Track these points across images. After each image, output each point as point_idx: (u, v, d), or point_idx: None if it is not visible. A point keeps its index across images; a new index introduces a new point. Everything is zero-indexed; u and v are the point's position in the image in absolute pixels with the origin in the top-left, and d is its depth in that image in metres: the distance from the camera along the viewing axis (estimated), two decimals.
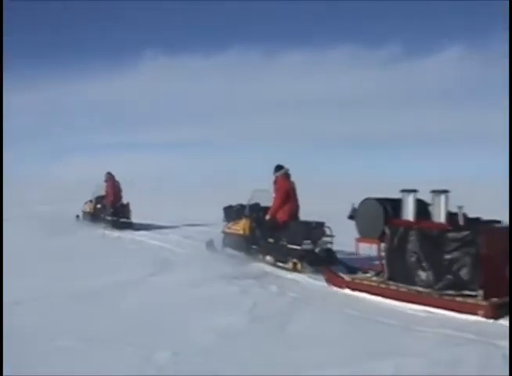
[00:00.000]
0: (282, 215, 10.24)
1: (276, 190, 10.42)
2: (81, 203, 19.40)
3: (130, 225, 16.69)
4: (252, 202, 11.25)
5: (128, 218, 16.93)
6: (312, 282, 8.88)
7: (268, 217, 10.41)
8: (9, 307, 6.93)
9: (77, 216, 18.89)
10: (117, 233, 15.45)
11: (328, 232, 9.81)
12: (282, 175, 10.46)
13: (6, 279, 8.48)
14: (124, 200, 17.51)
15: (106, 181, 17.72)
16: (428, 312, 7.00)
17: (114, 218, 16.78)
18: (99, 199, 18.09)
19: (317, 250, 9.69)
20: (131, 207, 17.20)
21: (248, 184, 12.00)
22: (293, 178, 10.53)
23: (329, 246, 9.81)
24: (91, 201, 18.56)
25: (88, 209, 18.58)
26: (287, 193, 10.31)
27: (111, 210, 17.03)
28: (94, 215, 18.01)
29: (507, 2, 10.94)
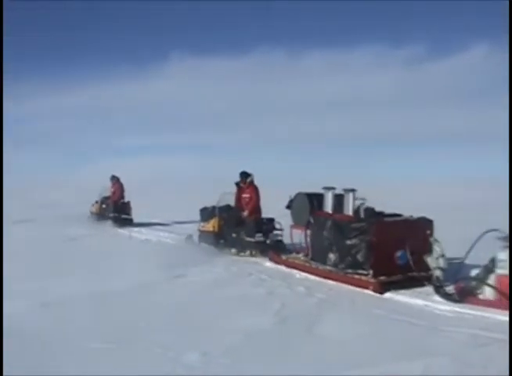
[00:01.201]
0: (251, 213, 12.09)
1: (252, 192, 12.22)
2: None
3: (130, 222, 18.24)
4: (221, 204, 12.89)
5: (128, 214, 18.52)
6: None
7: (246, 214, 12.12)
8: (36, 309, 7.08)
9: (89, 216, 19.98)
10: (144, 236, 15.73)
11: (278, 226, 11.85)
12: (251, 181, 12.29)
13: (31, 281, 8.75)
14: (126, 199, 18.97)
15: (112, 183, 19.21)
16: (456, 312, 6.98)
17: (116, 215, 18.38)
18: (104, 199, 19.46)
19: (268, 241, 11.65)
20: (133, 205, 18.75)
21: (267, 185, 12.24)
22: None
23: (279, 238, 11.74)
24: (97, 202, 19.83)
25: (94, 210, 19.87)
26: (256, 195, 12.26)
27: (113, 208, 18.61)
28: (100, 215, 19.31)
29: (507, 2, 10.92)
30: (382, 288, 8.18)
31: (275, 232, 11.84)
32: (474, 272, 7.61)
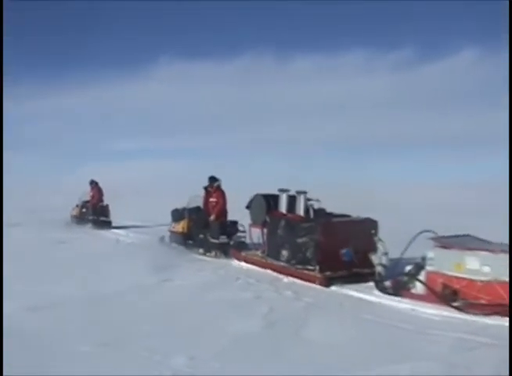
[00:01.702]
0: (216, 216, 12.56)
1: (219, 197, 12.76)
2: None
3: (109, 224, 18.74)
4: (191, 206, 13.54)
5: (106, 217, 19.05)
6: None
7: (213, 217, 12.58)
8: (26, 313, 7.03)
9: (71, 219, 20.35)
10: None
11: (241, 228, 12.44)
12: (218, 186, 12.88)
13: (21, 284, 8.69)
14: (105, 203, 19.47)
15: (91, 187, 19.78)
16: (443, 316, 7.02)
17: (95, 218, 18.96)
18: (84, 203, 19.96)
19: (232, 242, 12.29)
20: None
21: (249, 189, 12.38)
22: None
23: (242, 239, 12.34)
24: (77, 206, 20.35)
25: (74, 213, 20.39)
26: (222, 199, 12.79)
27: (92, 211, 19.23)
28: (80, 218, 19.78)
29: (507, 2, 11.01)
30: (327, 282, 9.05)
31: (239, 234, 12.50)
32: (407, 269, 8.34)
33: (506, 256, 7.12)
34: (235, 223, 12.62)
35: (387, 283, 8.47)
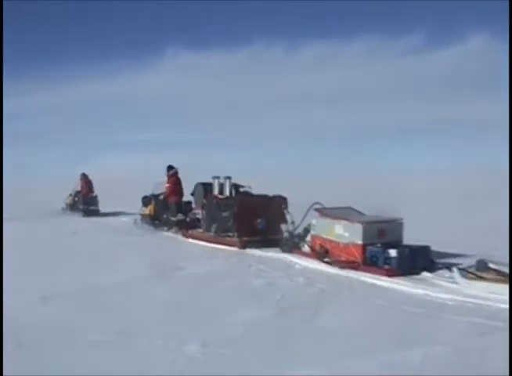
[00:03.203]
0: (173, 198, 15.13)
1: (171, 182, 15.23)
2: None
3: (97, 212, 21.31)
4: (157, 192, 15.96)
5: (96, 206, 21.62)
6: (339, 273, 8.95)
7: (161, 197, 15.47)
8: (37, 303, 7.08)
9: (63, 208, 22.84)
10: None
11: (194, 206, 14.50)
12: (173, 173, 15.36)
13: (31, 275, 8.86)
14: (95, 194, 22.04)
15: (80, 179, 22.32)
16: (455, 300, 6.99)
17: (85, 207, 21.40)
18: (76, 193, 22.56)
19: (188, 219, 14.56)
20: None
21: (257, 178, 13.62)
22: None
23: (197, 216, 14.23)
24: (70, 195, 22.96)
25: (68, 202, 22.96)
26: (176, 186, 15.23)
27: (83, 200, 21.68)
28: (72, 206, 22.45)
29: (507, 2, 10.96)
30: (243, 246, 11.48)
31: (193, 211, 14.60)
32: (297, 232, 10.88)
33: (361, 225, 9.14)
34: (189, 203, 14.97)
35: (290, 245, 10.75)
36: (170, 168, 15.43)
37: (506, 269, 7.50)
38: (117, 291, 7.79)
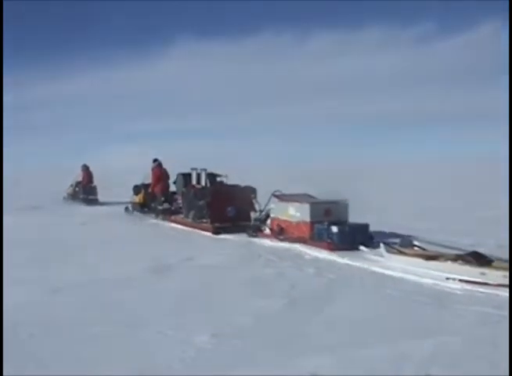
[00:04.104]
0: (158, 190, 16.49)
1: (153, 175, 16.67)
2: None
3: (96, 201, 22.41)
4: (146, 182, 17.24)
5: (94, 195, 22.81)
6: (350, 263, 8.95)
7: (149, 190, 16.81)
8: (48, 295, 7.13)
9: (64, 197, 23.94)
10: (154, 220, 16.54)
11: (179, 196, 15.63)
12: (157, 166, 16.77)
13: (42, 267, 8.90)
14: (94, 184, 23.29)
15: (82, 170, 23.63)
16: (466, 290, 6.98)
17: (85, 196, 22.55)
18: (77, 184, 23.70)
19: (173, 208, 15.80)
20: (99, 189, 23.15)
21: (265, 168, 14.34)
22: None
23: (180, 205, 15.35)
24: (71, 186, 24.13)
25: (69, 191, 24.14)
26: (159, 176, 16.55)
27: (83, 190, 22.91)
28: (73, 196, 23.54)
29: (507, 2, 11.06)
30: (216, 231, 12.69)
31: (178, 201, 15.76)
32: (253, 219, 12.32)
33: (308, 205, 10.60)
34: (174, 193, 16.26)
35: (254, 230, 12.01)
36: (154, 160, 16.99)
37: (428, 247, 9.07)
38: (126, 283, 7.80)
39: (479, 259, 7.70)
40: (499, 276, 7.05)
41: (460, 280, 7.25)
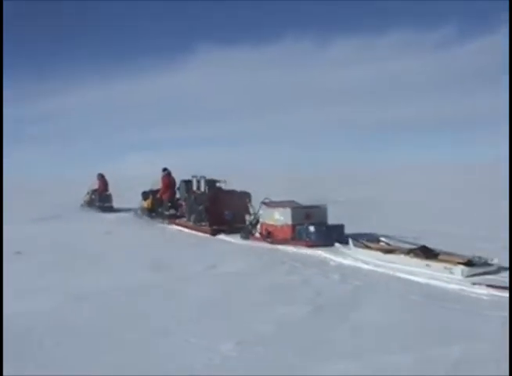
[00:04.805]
0: (165, 197, 17.86)
1: (162, 183, 18.07)
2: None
3: (111, 208, 23.06)
4: (155, 188, 18.48)
5: (110, 203, 23.58)
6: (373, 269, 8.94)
7: (158, 196, 18.04)
8: (72, 302, 7.19)
9: (81, 205, 24.36)
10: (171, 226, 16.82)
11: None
12: (166, 174, 18.13)
13: (68, 275, 9.02)
14: (109, 192, 24.06)
15: (98, 179, 24.40)
16: (492, 295, 6.91)
17: (101, 204, 23.41)
18: (93, 192, 24.47)
19: (178, 213, 16.97)
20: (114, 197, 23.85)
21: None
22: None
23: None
24: (88, 193, 24.80)
25: (86, 199, 24.75)
26: (167, 185, 17.92)
27: (99, 198, 23.76)
28: (90, 203, 24.16)
29: (507, 2, 11.05)
30: (214, 233, 13.83)
31: (183, 206, 16.73)
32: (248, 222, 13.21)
33: (290, 210, 11.77)
34: (178, 199, 17.42)
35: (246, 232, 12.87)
36: (164, 169, 18.32)
37: (392, 242, 10.54)
38: (150, 291, 7.84)
39: (426, 253, 8.88)
40: (441, 267, 8.18)
41: (487, 286, 7.25)
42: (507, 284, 7.17)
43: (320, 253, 10.29)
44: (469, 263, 8.12)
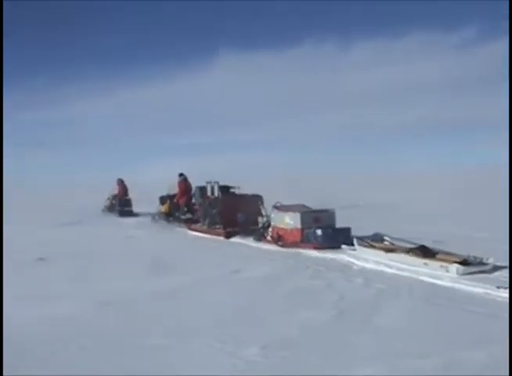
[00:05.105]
0: (182, 202, 18.23)
1: (179, 188, 18.47)
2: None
3: (131, 213, 23.40)
4: (172, 193, 18.93)
5: (129, 207, 23.84)
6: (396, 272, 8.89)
7: (174, 201, 18.44)
8: (98, 308, 7.23)
9: (102, 210, 24.86)
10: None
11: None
12: (182, 179, 18.54)
13: (93, 280, 9.10)
14: (128, 196, 24.28)
15: (117, 184, 24.71)
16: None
17: (121, 208, 23.71)
18: (113, 197, 24.91)
19: (194, 218, 17.31)
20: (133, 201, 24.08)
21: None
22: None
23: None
24: (108, 199, 25.31)
25: (106, 204, 25.30)
26: (184, 190, 18.32)
27: (119, 203, 24.06)
28: (110, 208, 24.64)
29: (507, 2, 11.00)
30: (228, 235, 14.26)
31: (199, 211, 17.08)
32: (260, 224, 13.57)
33: (299, 214, 12.09)
34: (194, 204, 17.73)
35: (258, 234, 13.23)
36: (180, 175, 18.72)
37: (396, 242, 10.70)
38: (175, 295, 7.86)
39: (425, 252, 9.35)
40: (437, 266, 8.63)
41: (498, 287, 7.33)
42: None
43: (343, 257, 10.34)
44: (464, 262, 8.55)
